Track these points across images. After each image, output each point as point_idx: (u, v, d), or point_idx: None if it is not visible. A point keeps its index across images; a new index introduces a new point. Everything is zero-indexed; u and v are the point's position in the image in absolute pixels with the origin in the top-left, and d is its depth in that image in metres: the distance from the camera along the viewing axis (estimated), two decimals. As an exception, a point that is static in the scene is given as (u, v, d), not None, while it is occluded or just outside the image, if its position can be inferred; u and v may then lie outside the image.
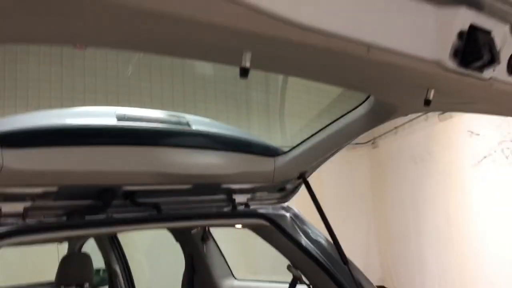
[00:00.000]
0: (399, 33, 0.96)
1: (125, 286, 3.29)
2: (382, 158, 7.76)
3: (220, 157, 1.91)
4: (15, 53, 4.57)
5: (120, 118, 1.79)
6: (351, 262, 2.07)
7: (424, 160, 6.60)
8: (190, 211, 2.08)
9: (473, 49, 0.99)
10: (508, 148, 5.03)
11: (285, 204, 2.30)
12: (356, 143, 7.29)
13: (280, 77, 4.80)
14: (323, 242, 2.16)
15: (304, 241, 2.15)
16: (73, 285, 2.57)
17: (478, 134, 5.41)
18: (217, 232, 2.96)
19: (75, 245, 3.52)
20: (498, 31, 1.03)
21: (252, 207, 2.17)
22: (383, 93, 1.51)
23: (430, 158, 6.48)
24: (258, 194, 2.20)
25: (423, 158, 6.62)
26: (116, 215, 1.85)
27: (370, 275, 2.19)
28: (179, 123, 1.93)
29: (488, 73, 1.06)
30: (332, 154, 2.05)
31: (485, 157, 5.33)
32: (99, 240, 3.38)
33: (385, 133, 7.36)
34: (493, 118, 4.94)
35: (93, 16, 0.84)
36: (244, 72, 0.96)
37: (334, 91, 2.33)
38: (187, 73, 5.39)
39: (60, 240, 3.19)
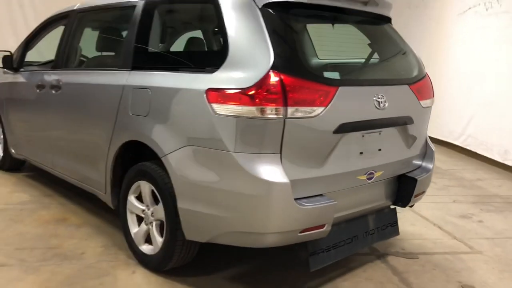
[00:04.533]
0: None
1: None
2: (379, 2, 8.50)
3: None
4: None
5: None
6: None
7: (417, 7, 7.52)
8: None
9: None
10: (489, 2, 5.96)
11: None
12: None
13: None
14: None
15: None
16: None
17: (468, -13, 6.24)
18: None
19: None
20: None
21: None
22: None
23: (423, 5, 7.41)
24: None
25: (416, 4, 7.53)
26: None
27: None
28: None
29: None
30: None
31: (470, 8, 6.29)
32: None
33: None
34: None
35: None
36: None
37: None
38: None
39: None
